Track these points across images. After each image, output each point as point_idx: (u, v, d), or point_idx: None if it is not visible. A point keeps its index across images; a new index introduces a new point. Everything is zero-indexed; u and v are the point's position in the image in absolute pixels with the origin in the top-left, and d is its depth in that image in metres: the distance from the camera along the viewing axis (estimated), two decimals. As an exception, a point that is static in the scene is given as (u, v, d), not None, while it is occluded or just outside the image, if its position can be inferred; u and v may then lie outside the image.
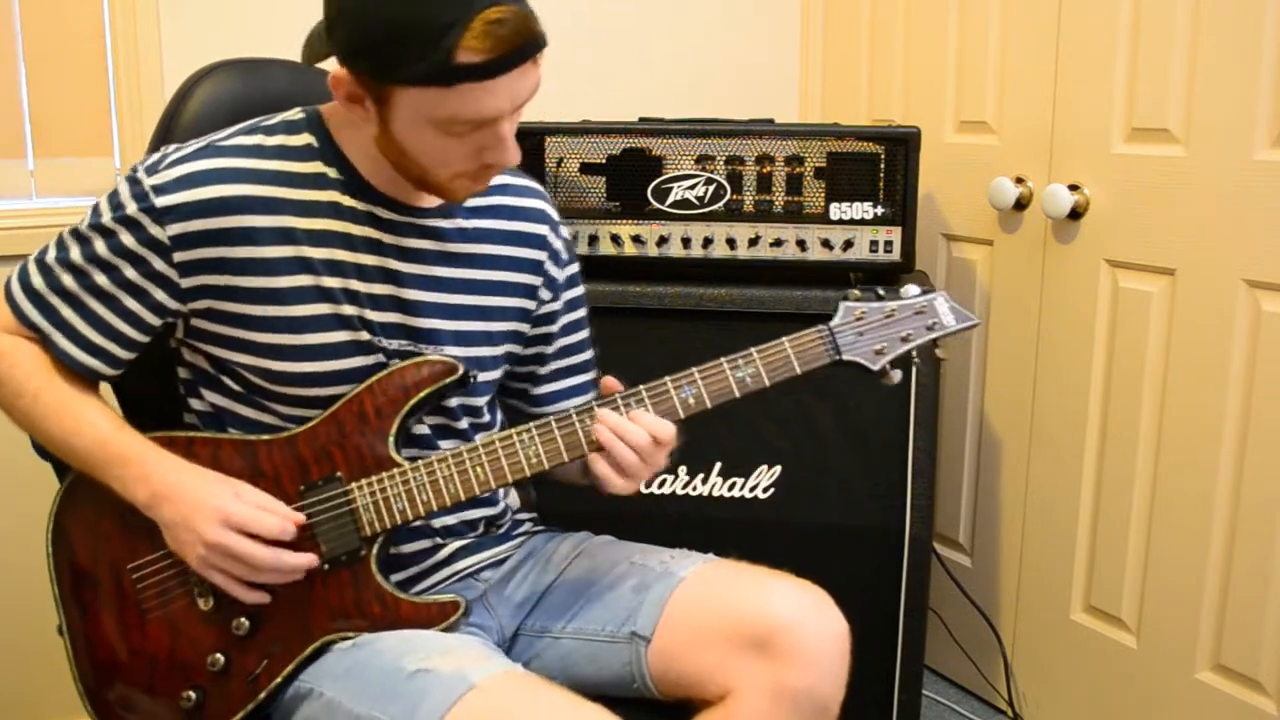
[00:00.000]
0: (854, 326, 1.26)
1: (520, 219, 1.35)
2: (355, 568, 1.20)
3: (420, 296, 1.26)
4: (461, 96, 1.07)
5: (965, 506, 2.27)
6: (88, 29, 1.95)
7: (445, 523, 1.31)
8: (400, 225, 1.24)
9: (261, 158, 1.20)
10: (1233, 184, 1.70)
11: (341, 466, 1.21)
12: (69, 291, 1.19)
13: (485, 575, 1.35)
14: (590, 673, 1.27)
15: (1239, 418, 1.73)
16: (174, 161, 1.18)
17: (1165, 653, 1.88)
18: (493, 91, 1.08)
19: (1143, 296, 1.86)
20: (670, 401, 1.23)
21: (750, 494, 1.88)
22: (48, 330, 1.20)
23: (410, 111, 1.10)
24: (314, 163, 1.21)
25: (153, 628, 1.21)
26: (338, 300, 1.22)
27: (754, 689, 1.19)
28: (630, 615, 1.26)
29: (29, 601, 1.95)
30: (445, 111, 1.09)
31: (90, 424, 1.19)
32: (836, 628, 1.22)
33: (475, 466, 1.22)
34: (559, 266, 1.40)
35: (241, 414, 1.25)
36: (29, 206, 1.94)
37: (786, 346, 1.24)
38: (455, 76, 1.05)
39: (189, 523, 1.14)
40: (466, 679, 1.06)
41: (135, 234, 1.17)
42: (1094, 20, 1.89)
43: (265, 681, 1.19)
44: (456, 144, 1.13)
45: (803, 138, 1.85)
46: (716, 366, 1.24)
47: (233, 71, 1.43)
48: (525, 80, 1.10)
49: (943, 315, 1.27)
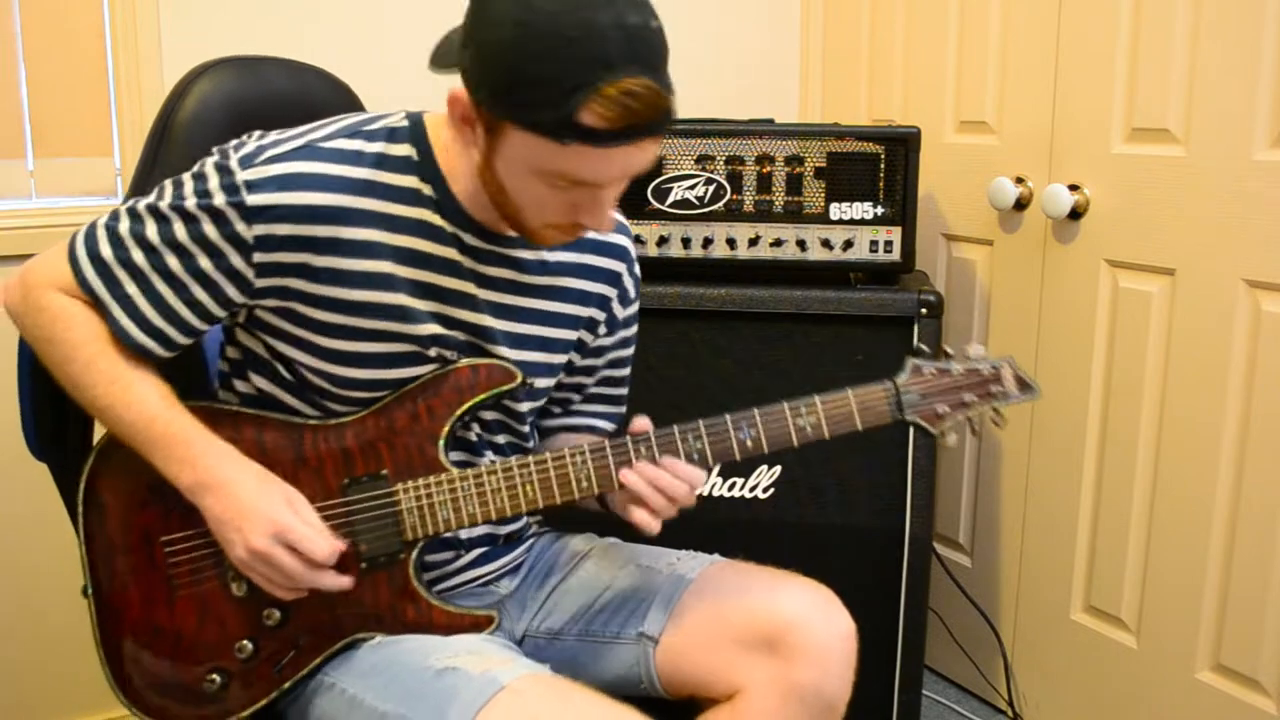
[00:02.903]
0: (919, 387, 1.24)
1: (600, 254, 1.33)
2: (392, 570, 1.20)
3: (491, 324, 1.24)
4: (573, 156, 1.04)
5: (965, 506, 2.27)
6: (88, 29, 1.95)
7: (473, 534, 1.30)
8: (483, 252, 1.22)
9: (360, 165, 1.16)
10: (1233, 184, 1.70)
11: (388, 464, 1.20)
12: (138, 267, 1.15)
13: (504, 583, 1.35)
14: (598, 673, 1.27)
15: (1239, 418, 1.73)
16: (271, 158, 1.14)
17: (1165, 653, 1.88)
18: (606, 159, 1.05)
19: (1143, 296, 1.86)
20: (728, 442, 1.21)
21: (750, 494, 1.88)
22: (108, 302, 1.15)
23: (518, 153, 1.07)
24: (410, 177, 1.18)
25: (181, 604, 1.20)
26: (407, 318, 1.19)
27: (763, 687, 1.20)
28: (638, 617, 1.27)
29: (29, 601, 1.95)
30: (552, 165, 1.06)
31: (140, 398, 1.15)
32: (844, 626, 1.23)
33: (525, 484, 1.20)
34: (624, 306, 1.38)
35: (287, 402, 1.24)
36: (29, 206, 1.94)
37: (850, 400, 1.23)
38: (573, 136, 1.02)
39: (237, 524, 1.12)
40: (497, 680, 1.05)
41: (219, 226, 1.13)
42: (1094, 20, 1.89)
43: (290, 673, 1.18)
44: (554, 196, 1.10)
45: (803, 138, 1.85)
46: (778, 411, 1.22)
47: (229, 70, 1.42)
48: (642, 154, 1.07)
49: (1007, 384, 1.26)
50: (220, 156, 1.15)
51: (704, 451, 1.21)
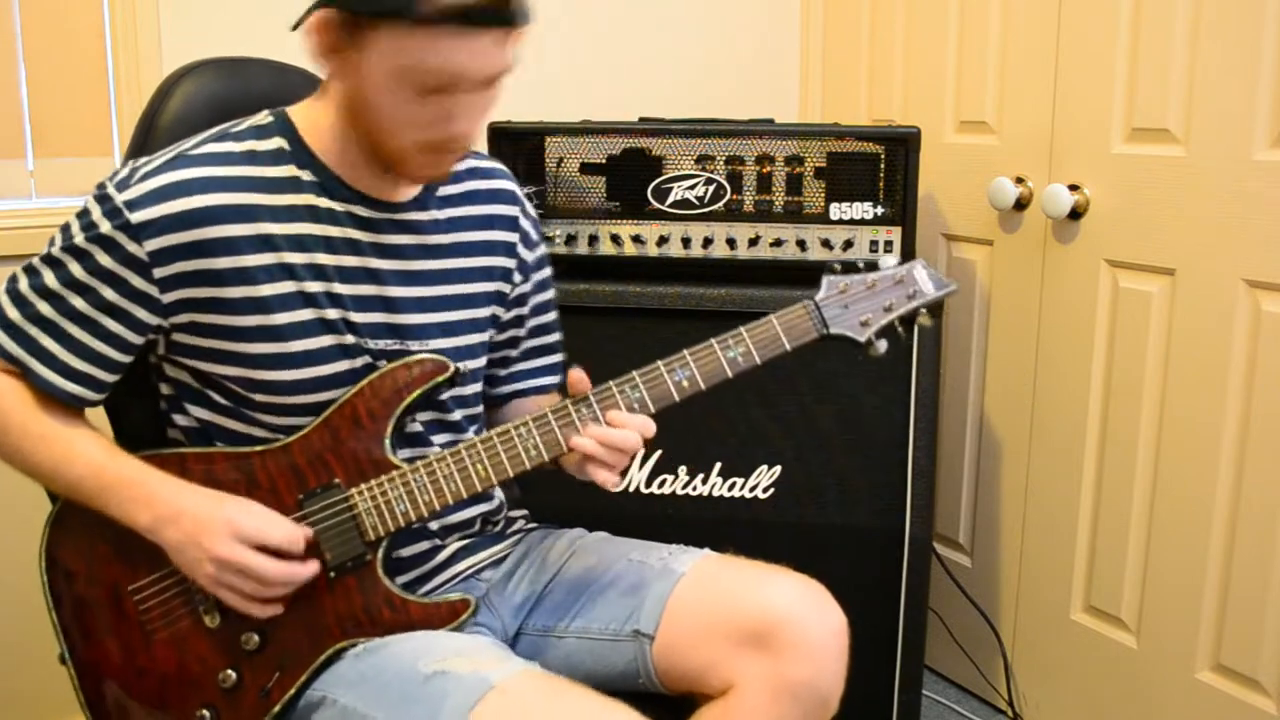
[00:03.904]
0: (838, 300, 1.27)
1: (492, 202, 1.36)
2: (361, 573, 1.20)
3: (402, 293, 1.25)
4: (434, 42, 1.06)
5: (965, 506, 2.27)
6: (88, 29, 1.95)
7: (445, 522, 1.31)
8: (378, 222, 1.24)
9: (232, 164, 1.18)
10: (1233, 184, 1.70)
11: (339, 473, 1.21)
12: (46, 319, 1.16)
13: (486, 575, 1.36)
14: (595, 670, 1.27)
15: (1239, 418, 1.73)
16: (145, 175, 1.15)
17: (1165, 653, 1.88)
18: (466, 49, 1.07)
19: (1143, 296, 1.86)
20: (664, 385, 1.23)
21: (750, 494, 1.88)
22: (27, 360, 1.17)
23: (385, 60, 1.08)
24: (286, 166, 1.20)
25: (159, 648, 1.20)
26: (321, 305, 1.21)
27: (755, 683, 1.20)
28: (632, 613, 1.27)
29: (29, 600, 1.95)
30: (419, 59, 1.07)
31: (82, 452, 1.17)
32: (835, 622, 1.23)
33: (475, 463, 1.22)
34: (529, 249, 1.40)
35: (229, 428, 1.24)
36: (29, 206, 1.94)
37: (775, 323, 1.25)
38: (431, 14, 1.04)
39: (196, 540, 1.13)
40: (486, 680, 1.06)
41: (112, 253, 1.14)
42: (1094, 20, 1.89)
43: (278, 695, 1.18)
44: (424, 108, 1.11)
45: (803, 138, 1.85)
46: (707, 348, 1.24)
47: (212, 70, 1.42)
48: (498, 52, 1.09)
49: (922, 283, 1.30)
50: (98, 189, 1.17)
51: (643, 400, 1.23)
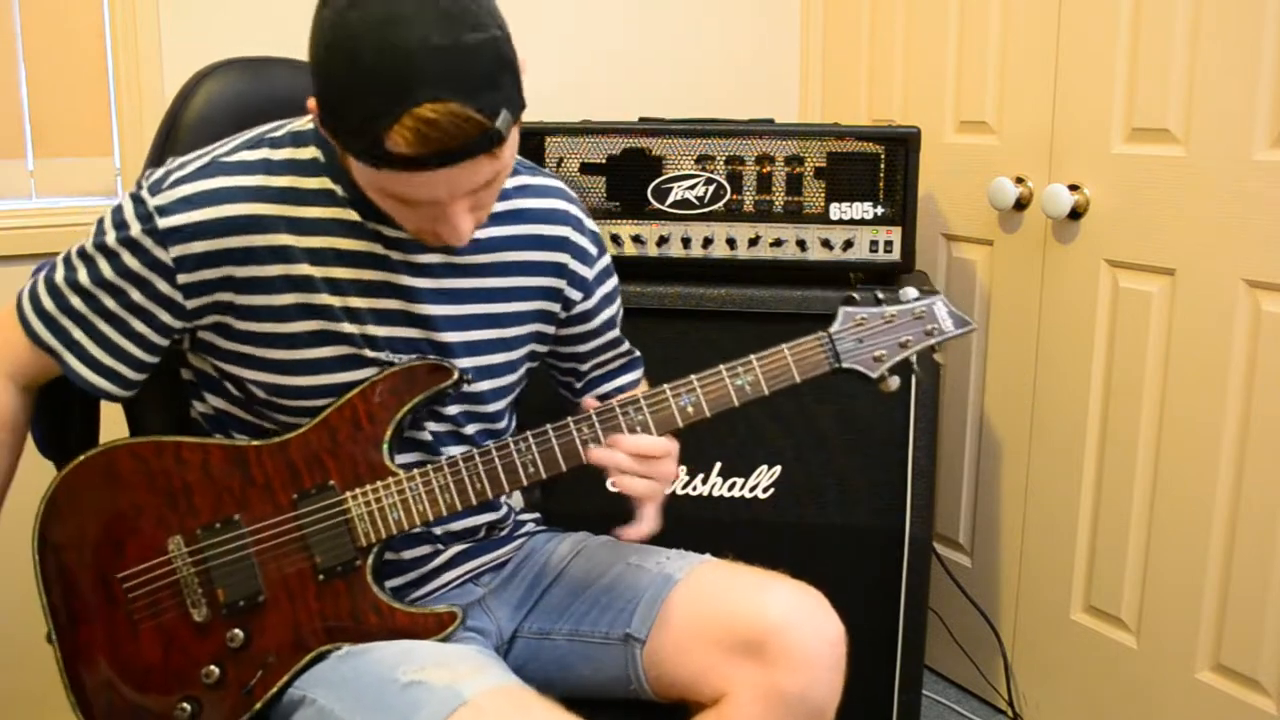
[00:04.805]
0: (853, 333, 1.24)
1: (541, 221, 1.32)
2: (350, 578, 1.19)
3: (432, 310, 1.23)
4: (395, 179, 1.04)
5: (965, 506, 2.27)
6: (88, 29, 1.95)
7: (448, 528, 1.30)
8: (408, 241, 1.21)
9: (268, 174, 1.17)
10: (1233, 184, 1.70)
11: (334, 475, 1.20)
12: (79, 313, 1.18)
13: (485, 579, 1.35)
14: (587, 674, 1.27)
15: (1239, 418, 1.73)
16: (177, 180, 1.16)
17: (1165, 653, 1.88)
18: (428, 183, 1.04)
19: (1143, 296, 1.86)
20: (669, 410, 1.22)
21: (750, 494, 1.88)
22: (60, 351, 1.19)
23: (362, 174, 1.08)
24: (321, 178, 1.19)
25: (145, 638, 1.20)
26: (336, 317, 1.20)
27: (747, 692, 1.18)
28: (625, 617, 1.26)
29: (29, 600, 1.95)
30: (384, 186, 1.06)
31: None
32: (831, 631, 1.21)
33: (472, 476, 1.20)
34: (586, 265, 1.36)
35: (243, 418, 1.25)
36: (29, 206, 1.94)
37: (786, 354, 1.23)
38: (385, 163, 1.02)
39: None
40: (460, 694, 1.04)
41: (139, 256, 1.16)
42: (1094, 20, 1.89)
43: (260, 693, 1.18)
44: (405, 210, 1.11)
45: (803, 138, 1.85)
46: (715, 375, 1.23)
47: (236, 71, 1.42)
48: (468, 174, 1.05)
49: (941, 320, 1.26)
50: (135, 188, 1.18)
51: (646, 424, 1.21)
